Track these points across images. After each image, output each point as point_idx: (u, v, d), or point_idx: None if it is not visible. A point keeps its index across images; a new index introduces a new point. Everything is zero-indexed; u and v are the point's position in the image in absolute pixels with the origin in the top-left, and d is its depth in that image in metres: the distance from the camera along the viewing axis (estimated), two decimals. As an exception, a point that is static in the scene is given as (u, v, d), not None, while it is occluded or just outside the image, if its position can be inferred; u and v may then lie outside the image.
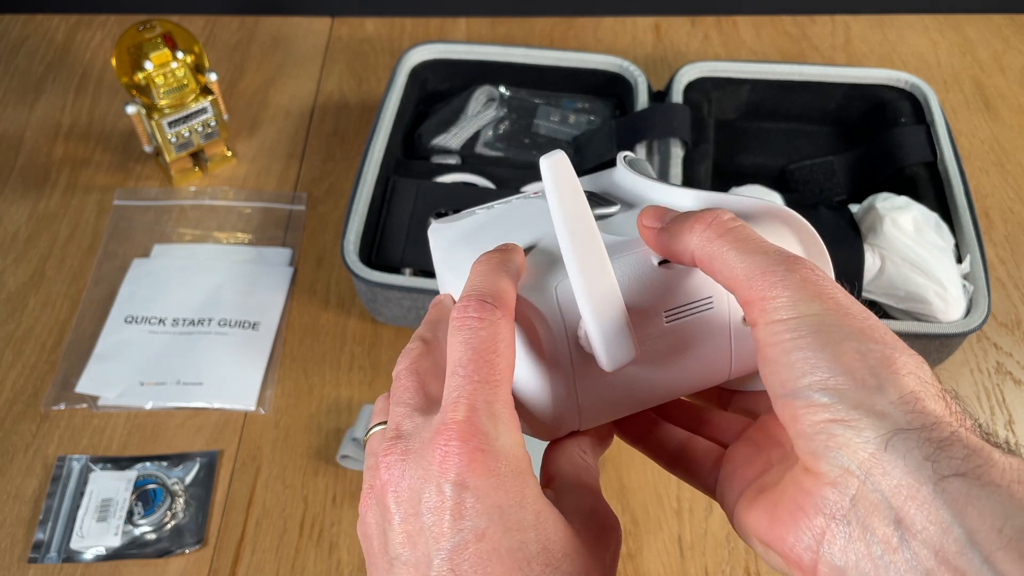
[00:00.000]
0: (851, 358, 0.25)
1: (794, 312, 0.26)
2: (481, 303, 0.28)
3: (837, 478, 0.24)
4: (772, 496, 0.28)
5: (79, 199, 0.80)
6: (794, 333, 0.25)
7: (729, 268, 0.28)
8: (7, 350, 0.69)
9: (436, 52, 0.82)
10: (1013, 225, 0.79)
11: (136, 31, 0.74)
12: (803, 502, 0.25)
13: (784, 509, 0.26)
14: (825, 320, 0.25)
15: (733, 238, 0.28)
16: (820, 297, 0.26)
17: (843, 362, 0.25)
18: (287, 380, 0.68)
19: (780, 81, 0.81)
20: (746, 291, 0.27)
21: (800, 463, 0.26)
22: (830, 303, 0.26)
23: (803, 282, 0.26)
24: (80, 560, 0.59)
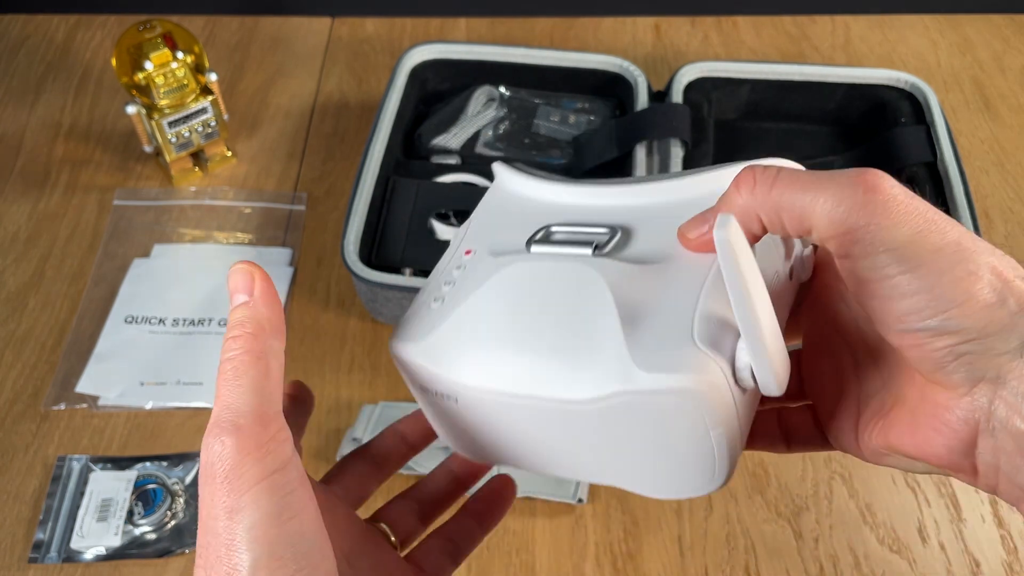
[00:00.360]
0: (966, 284, 0.25)
1: (892, 240, 0.25)
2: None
3: (972, 390, 0.25)
4: (903, 415, 0.28)
5: (79, 199, 0.80)
6: (901, 266, 0.25)
7: (800, 211, 0.27)
8: (7, 350, 0.69)
9: (436, 52, 0.82)
10: (1013, 225, 0.79)
11: (136, 31, 0.74)
12: (943, 417, 0.26)
13: (925, 426, 0.27)
14: (926, 244, 0.25)
15: (786, 182, 0.27)
16: (910, 218, 0.25)
17: (960, 290, 0.25)
18: (287, 380, 0.68)
19: (780, 81, 0.81)
20: (828, 226, 0.26)
21: (919, 378, 0.27)
22: (921, 221, 0.25)
23: (885, 202, 0.25)
24: (80, 560, 0.59)
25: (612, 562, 0.59)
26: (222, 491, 0.25)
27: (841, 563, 0.59)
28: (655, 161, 0.75)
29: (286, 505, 0.25)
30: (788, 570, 0.59)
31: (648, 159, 0.74)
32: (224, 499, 0.25)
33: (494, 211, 0.36)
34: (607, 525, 0.61)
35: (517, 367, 0.30)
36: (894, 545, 0.60)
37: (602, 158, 0.76)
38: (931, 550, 0.60)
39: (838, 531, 0.60)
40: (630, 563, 0.59)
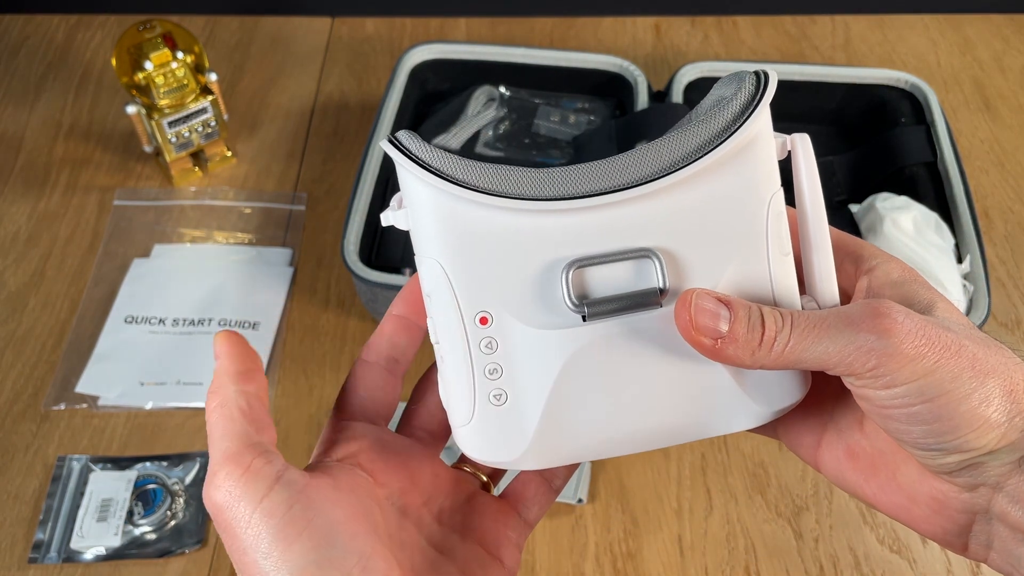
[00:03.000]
0: (981, 411, 0.26)
1: (911, 375, 0.26)
2: None
3: (975, 489, 0.28)
4: (899, 487, 0.30)
5: (79, 199, 0.80)
6: (921, 396, 0.26)
7: (816, 360, 0.27)
8: (7, 350, 0.69)
9: (436, 52, 0.82)
10: (1013, 225, 0.79)
11: (136, 31, 0.74)
12: (944, 503, 0.28)
13: (924, 507, 0.29)
14: (944, 374, 0.26)
15: (800, 337, 0.27)
16: (926, 351, 0.26)
17: (976, 417, 0.26)
18: (287, 380, 0.68)
19: (780, 81, 0.80)
20: (845, 369, 0.27)
21: (917, 463, 0.29)
22: (937, 351, 0.26)
23: (900, 343, 0.26)
24: (80, 560, 0.59)
25: (612, 562, 0.59)
26: (226, 537, 0.27)
27: (841, 563, 0.59)
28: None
29: (290, 520, 0.27)
30: (788, 570, 0.59)
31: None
32: (231, 542, 0.27)
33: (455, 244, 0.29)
34: (607, 525, 0.61)
35: (644, 430, 0.31)
36: (894, 545, 0.60)
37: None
38: (931, 550, 0.60)
39: (838, 531, 0.60)
40: (630, 563, 0.59)
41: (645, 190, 0.29)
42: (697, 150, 0.29)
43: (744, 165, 0.29)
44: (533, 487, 0.35)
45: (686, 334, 0.28)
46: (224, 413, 0.29)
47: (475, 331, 0.30)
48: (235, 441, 0.28)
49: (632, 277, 0.30)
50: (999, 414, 0.26)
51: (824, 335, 0.27)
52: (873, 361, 0.26)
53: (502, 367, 0.30)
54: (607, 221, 0.29)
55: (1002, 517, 0.27)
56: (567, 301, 0.29)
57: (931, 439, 0.27)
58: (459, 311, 0.30)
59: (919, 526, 0.30)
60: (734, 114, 0.29)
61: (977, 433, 0.26)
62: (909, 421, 0.27)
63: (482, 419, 0.30)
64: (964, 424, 0.26)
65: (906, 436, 0.27)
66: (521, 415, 0.30)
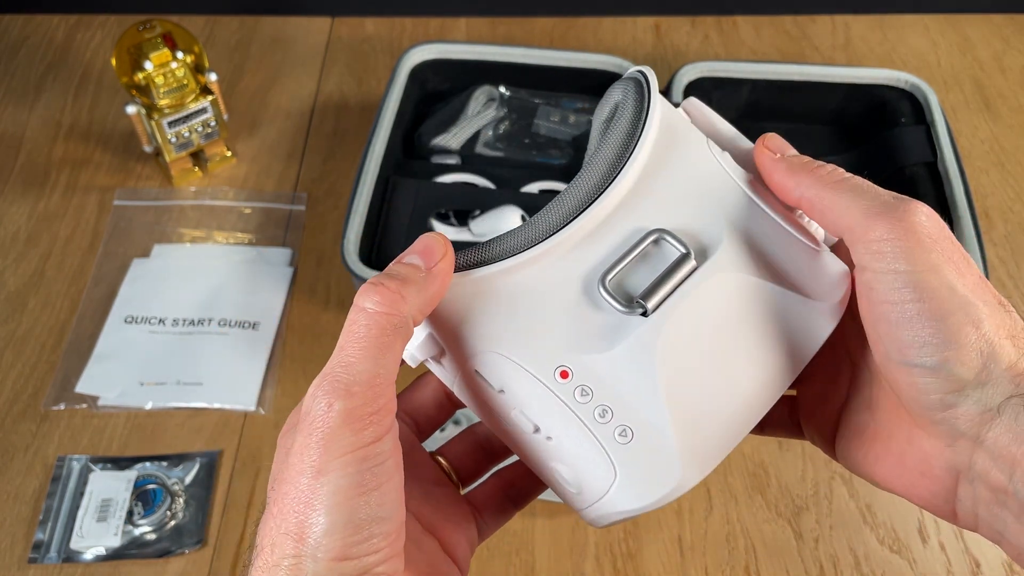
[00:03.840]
0: (964, 330, 0.27)
1: (909, 262, 0.27)
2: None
3: (954, 442, 0.27)
4: (891, 454, 0.30)
5: (79, 199, 0.80)
6: (915, 293, 0.27)
7: (844, 208, 0.29)
8: (7, 350, 0.69)
9: (436, 52, 0.82)
10: (1013, 225, 0.79)
11: (136, 31, 0.74)
12: (929, 463, 0.29)
13: (912, 470, 0.29)
14: (942, 279, 0.27)
15: (850, 185, 0.30)
16: (931, 246, 0.27)
17: (958, 336, 0.27)
18: (287, 380, 0.68)
19: (780, 81, 0.81)
20: (860, 229, 0.28)
21: (906, 420, 0.29)
22: (947, 253, 0.27)
23: (918, 225, 0.27)
24: (80, 560, 0.59)
25: (612, 562, 0.59)
26: (315, 449, 0.25)
27: (841, 563, 0.59)
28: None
29: (373, 475, 0.25)
30: (788, 570, 0.59)
31: (648, 159, 0.74)
32: (315, 457, 0.25)
33: (501, 323, 0.30)
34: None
35: (762, 383, 0.31)
36: (894, 545, 0.60)
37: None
38: (931, 550, 0.60)
39: (838, 531, 0.60)
40: (630, 563, 0.59)
41: (613, 194, 0.31)
42: (624, 149, 0.31)
43: (672, 142, 0.32)
44: (498, 499, 0.35)
45: (756, 152, 0.32)
46: (388, 338, 0.26)
47: (564, 389, 0.29)
48: (382, 372, 0.26)
49: (655, 262, 0.30)
50: (981, 343, 0.27)
51: (857, 189, 0.29)
52: (884, 231, 0.27)
53: (608, 406, 0.29)
54: (602, 233, 0.31)
55: (983, 476, 0.27)
56: (620, 309, 0.29)
57: (915, 349, 0.27)
58: (540, 383, 0.29)
59: (910, 492, 0.30)
60: (634, 114, 0.32)
61: (958, 355, 0.26)
62: (899, 321, 0.27)
63: (625, 467, 0.28)
64: (948, 338, 0.26)
65: (893, 344, 0.28)
66: (655, 437, 0.29)
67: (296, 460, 0.25)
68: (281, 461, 0.27)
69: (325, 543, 0.25)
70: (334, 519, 0.25)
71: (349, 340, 0.26)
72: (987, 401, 0.27)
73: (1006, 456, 0.26)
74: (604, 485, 0.29)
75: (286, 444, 0.27)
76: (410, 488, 0.32)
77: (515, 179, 0.75)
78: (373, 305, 0.26)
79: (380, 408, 0.26)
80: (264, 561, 0.25)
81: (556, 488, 0.31)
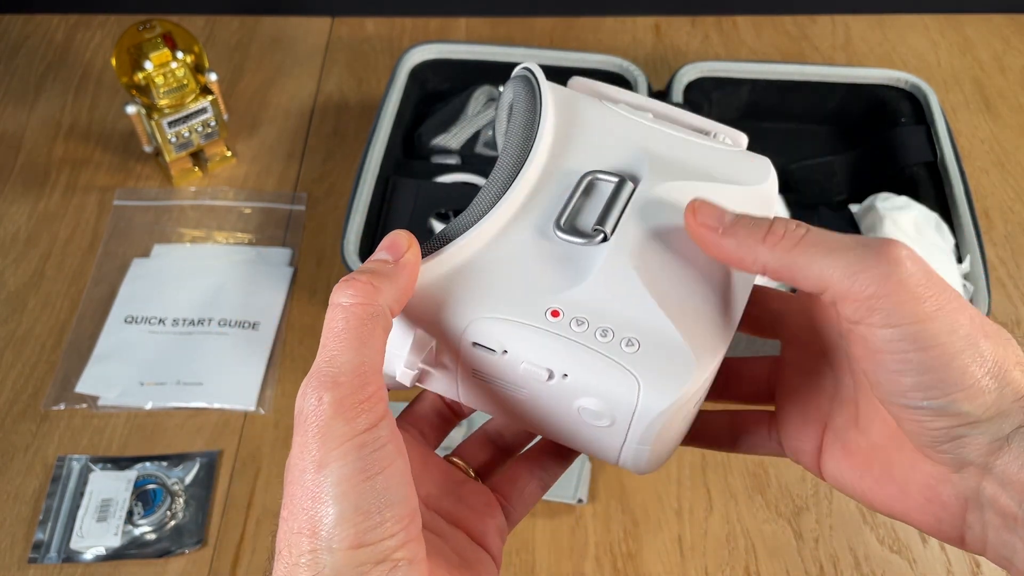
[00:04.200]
0: (970, 371, 0.26)
1: (907, 317, 0.26)
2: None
3: (963, 470, 0.27)
4: (892, 478, 0.30)
5: (79, 199, 0.80)
6: (916, 343, 0.26)
7: (817, 272, 0.27)
8: (7, 350, 0.69)
9: (436, 52, 0.82)
10: (1013, 225, 0.79)
11: (136, 31, 0.74)
12: (936, 490, 0.28)
13: (917, 496, 0.29)
14: (940, 326, 0.26)
15: (810, 243, 0.28)
16: (926, 296, 0.26)
17: (967, 375, 0.26)
18: (287, 380, 0.68)
19: (780, 81, 0.81)
20: (846, 289, 0.27)
21: (908, 446, 0.28)
22: (939, 300, 0.26)
23: (907, 278, 0.26)
24: (80, 560, 0.59)
25: (612, 562, 0.59)
26: (313, 444, 0.25)
27: (841, 563, 0.59)
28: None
29: (374, 460, 0.25)
30: (788, 570, 0.59)
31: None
32: (314, 453, 0.25)
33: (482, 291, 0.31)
34: (607, 525, 0.61)
35: None
36: (894, 545, 0.60)
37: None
38: (931, 550, 0.60)
39: (838, 531, 0.60)
40: (630, 563, 0.59)
41: (536, 158, 0.34)
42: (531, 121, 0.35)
43: (571, 109, 0.36)
44: (523, 482, 0.35)
45: (691, 230, 0.30)
46: (368, 328, 0.27)
47: (561, 325, 0.30)
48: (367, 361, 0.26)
49: (596, 198, 0.33)
50: (990, 380, 0.26)
51: (833, 249, 0.27)
52: (874, 288, 0.26)
53: (606, 326, 0.29)
54: (539, 191, 0.33)
55: (993, 503, 0.27)
56: (581, 242, 0.31)
57: (920, 393, 0.26)
58: (538, 328, 0.30)
59: (914, 518, 0.29)
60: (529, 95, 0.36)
61: (967, 394, 0.26)
62: (900, 369, 0.26)
63: (644, 370, 0.29)
64: (955, 381, 0.26)
65: (895, 388, 0.27)
66: (660, 336, 0.29)
67: (297, 460, 0.26)
68: (286, 469, 0.27)
69: (338, 533, 0.25)
70: (342, 508, 0.25)
71: (330, 336, 0.26)
72: (997, 432, 0.26)
73: (1016, 484, 0.26)
74: (631, 396, 0.29)
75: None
76: (428, 488, 0.32)
77: (515, 179, 0.75)
78: (348, 299, 0.27)
79: (370, 395, 0.26)
80: (283, 564, 0.25)
81: (588, 443, 0.31)
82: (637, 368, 0.29)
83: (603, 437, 0.30)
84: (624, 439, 0.30)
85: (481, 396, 0.32)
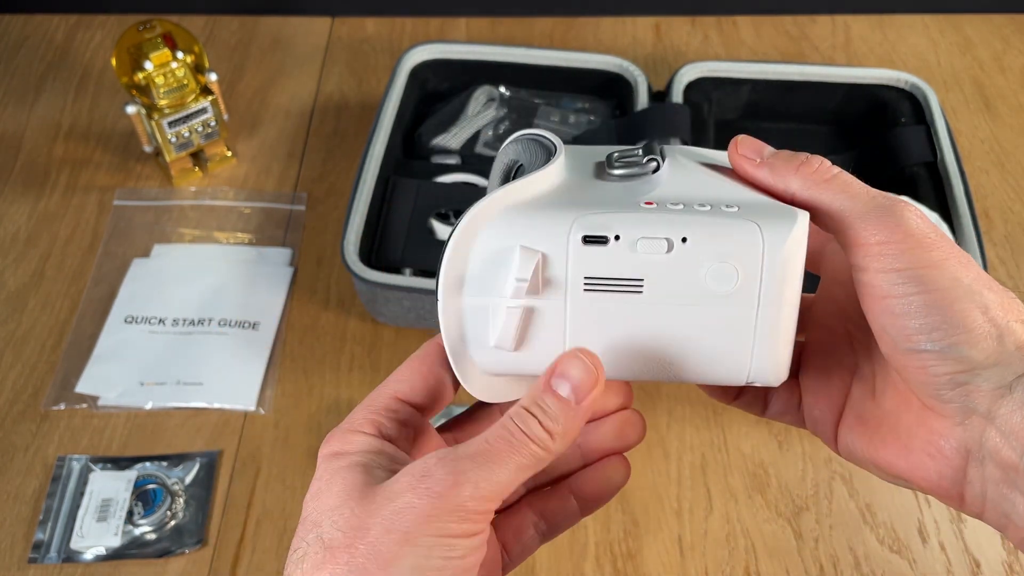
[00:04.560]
0: (974, 315, 0.27)
1: (912, 261, 0.27)
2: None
3: (966, 420, 0.27)
4: (897, 436, 0.30)
5: (79, 199, 0.80)
6: (917, 286, 0.27)
7: (837, 211, 0.29)
8: (7, 350, 0.69)
9: (436, 52, 0.82)
10: (1013, 225, 0.79)
11: (136, 31, 0.74)
12: (938, 444, 0.28)
13: (919, 451, 0.29)
14: (943, 273, 0.27)
15: (839, 184, 0.30)
16: (932, 246, 0.28)
17: (968, 320, 0.27)
18: (287, 380, 0.68)
19: (780, 81, 0.81)
20: (856, 233, 0.28)
21: (915, 403, 0.29)
22: (945, 251, 0.28)
23: (915, 229, 0.28)
24: (80, 560, 0.59)
25: (612, 562, 0.59)
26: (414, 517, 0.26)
27: (841, 563, 0.59)
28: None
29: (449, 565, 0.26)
30: (788, 570, 0.59)
31: (648, 159, 0.74)
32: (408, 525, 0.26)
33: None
34: (607, 525, 0.61)
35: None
36: (894, 545, 0.60)
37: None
38: (931, 550, 0.60)
39: (838, 531, 0.60)
40: (630, 563, 0.59)
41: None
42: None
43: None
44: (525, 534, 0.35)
45: (732, 160, 0.31)
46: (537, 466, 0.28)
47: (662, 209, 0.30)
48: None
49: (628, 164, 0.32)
50: (989, 327, 0.27)
51: (855, 195, 0.29)
52: (883, 236, 0.28)
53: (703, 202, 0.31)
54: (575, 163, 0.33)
55: (994, 454, 0.27)
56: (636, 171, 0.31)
57: (924, 336, 0.27)
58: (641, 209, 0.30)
59: (917, 475, 0.29)
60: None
61: (968, 337, 0.27)
62: (905, 312, 0.27)
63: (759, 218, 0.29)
64: (957, 323, 0.27)
65: (900, 333, 0.28)
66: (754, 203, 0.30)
67: (390, 515, 0.26)
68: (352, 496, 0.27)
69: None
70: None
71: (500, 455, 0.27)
72: (999, 380, 0.27)
73: (1018, 433, 0.26)
74: (756, 238, 0.29)
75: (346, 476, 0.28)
76: None
77: (515, 179, 0.75)
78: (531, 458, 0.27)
79: (489, 512, 0.27)
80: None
81: (716, 341, 0.30)
82: (751, 217, 0.29)
83: (733, 318, 0.29)
84: (757, 299, 0.29)
85: (593, 322, 0.30)
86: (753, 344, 0.30)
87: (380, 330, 0.71)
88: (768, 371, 0.30)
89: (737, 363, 0.30)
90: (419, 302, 0.66)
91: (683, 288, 0.29)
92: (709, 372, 0.31)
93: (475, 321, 0.30)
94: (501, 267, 0.29)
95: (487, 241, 0.29)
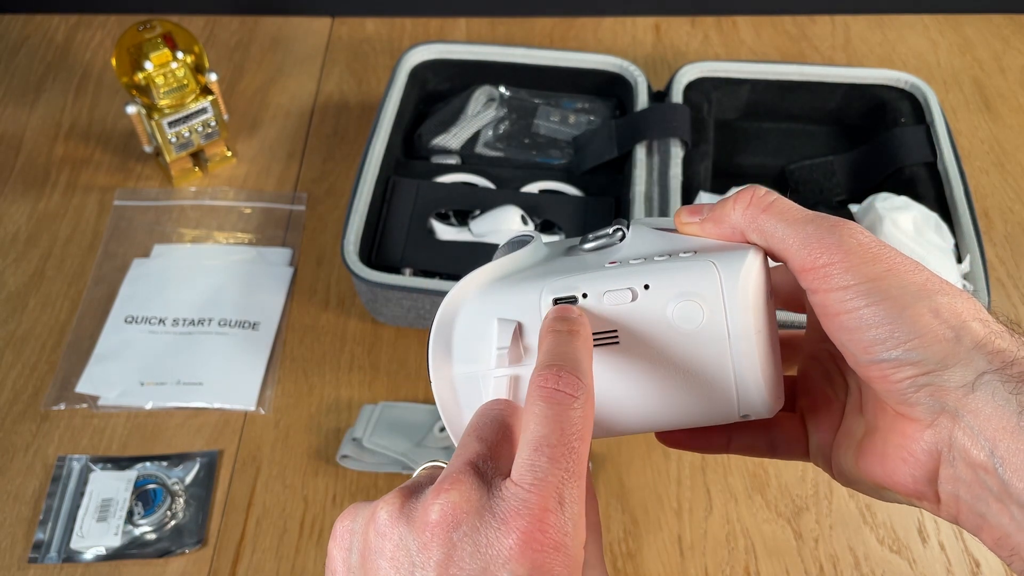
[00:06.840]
0: (926, 319, 0.27)
1: (858, 277, 0.28)
2: (574, 379, 0.27)
3: (935, 421, 0.28)
4: (875, 445, 0.30)
5: (79, 199, 0.80)
6: (866, 299, 0.28)
7: (779, 240, 0.29)
8: (7, 350, 0.69)
9: (436, 52, 0.82)
10: (1013, 225, 0.79)
11: (136, 31, 0.74)
12: (909, 448, 0.29)
13: (893, 456, 0.29)
14: (890, 283, 0.28)
15: (776, 211, 0.30)
16: (876, 259, 0.28)
17: (920, 324, 0.27)
18: (287, 380, 0.68)
19: (780, 81, 0.81)
20: (802, 259, 0.29)
21: (890, 411, 0.29)
22: (888, 263, 0.28)
23: (857, 246, 0.28)
24: (80, 560, 0.59)
25: (612, 562, 0.59)
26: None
27: (841, 563, 0.59)
28: (655, 161, 0.75)
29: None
30: (788, 570, 0.59)
31: (648, 159, 0.74)
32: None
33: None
34: (607, 525, 0.61)
35: None
36: (894, 545, 0.60)
37: (602, 158, 0.76)
38: (931, 550, 0.60)
39: (838, 531, 0.60)
40: (630, 563, 0.59)
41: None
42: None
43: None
44: None
45: (681, 231, 0.32)
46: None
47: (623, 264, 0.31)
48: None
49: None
50: (944, 328, 0.27)
51: (794, 221, 0.29)
52: (826, 257, 0.28)
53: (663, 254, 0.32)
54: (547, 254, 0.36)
55: (964, 454, 0.27)
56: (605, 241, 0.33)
57: (879, 347, 0.27)
58: (607, 269, 0.31)
59: (892, 478, 0.30)
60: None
61: (921, 341, 0.27)
62: (857, 326, 0.28)
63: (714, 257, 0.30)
64: (908, 329, 0.27)
65: (859, 347, 0.28)
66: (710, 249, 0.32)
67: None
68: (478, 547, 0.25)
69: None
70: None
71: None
72: (961, 379, 0.27)
73: (985, 432, 0.26)
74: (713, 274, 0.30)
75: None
76: None
77: (515, 179, 0.75)
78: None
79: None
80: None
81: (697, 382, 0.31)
82: (706, 257, 0.30)
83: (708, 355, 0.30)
84: (727, 333, 0.30)
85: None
86: (734, 378, 0.31)
87: (380, 330, 0.71)
88: (757, 402, 0.31)
89: (725, 399, 0.31)
90: (419, 302, 0.66)
91: (654, 330, 0.30)
92: (700, 413, 0.31)
93: (467, 389, 0.32)
94: (483, 339, 0.31)
95: (467, 316, 0.31)
